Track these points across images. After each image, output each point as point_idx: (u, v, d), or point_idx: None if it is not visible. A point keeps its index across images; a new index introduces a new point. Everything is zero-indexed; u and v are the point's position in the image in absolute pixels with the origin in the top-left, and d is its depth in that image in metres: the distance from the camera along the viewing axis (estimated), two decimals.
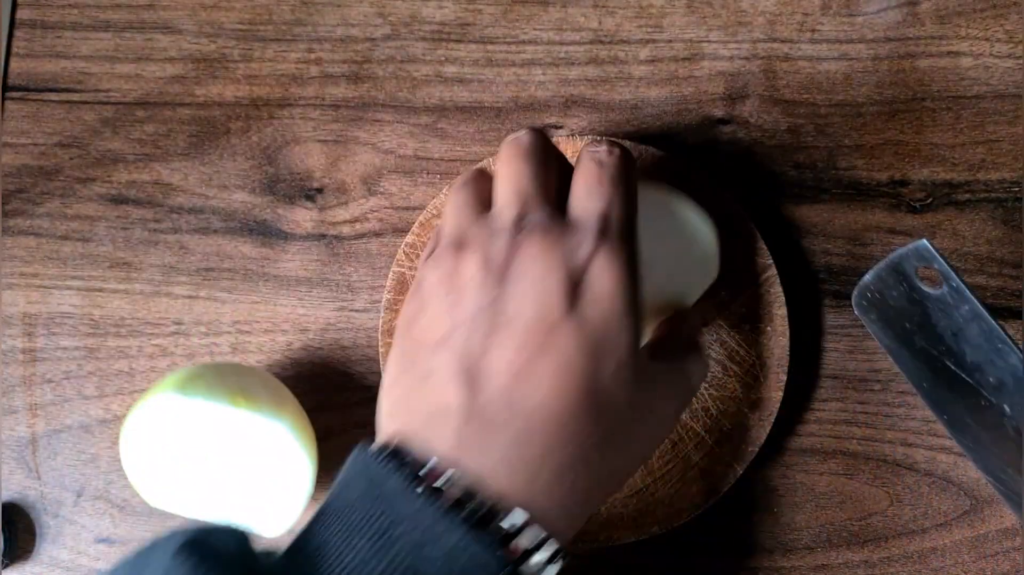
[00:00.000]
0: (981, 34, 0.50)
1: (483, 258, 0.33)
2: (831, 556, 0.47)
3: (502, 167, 0.36)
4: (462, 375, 0.32)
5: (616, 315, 0.33)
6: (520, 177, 0.35)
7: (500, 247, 0.33)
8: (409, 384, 0.34)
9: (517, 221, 0.34)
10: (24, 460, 0.49)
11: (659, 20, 0.51)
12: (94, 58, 0.52)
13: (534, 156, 0.36)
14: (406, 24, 0.51)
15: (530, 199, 0.35)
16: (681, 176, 0.47)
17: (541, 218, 0.34)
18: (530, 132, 0.37)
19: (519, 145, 0.36)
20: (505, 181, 0.36)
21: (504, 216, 0.35)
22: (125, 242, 0.50)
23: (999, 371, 0.38)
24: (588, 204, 0.35)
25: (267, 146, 0.51)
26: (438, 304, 0.34)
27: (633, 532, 0.45)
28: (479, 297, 0.33)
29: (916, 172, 0.49)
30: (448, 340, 0.33)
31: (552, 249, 0.33)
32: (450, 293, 0.33)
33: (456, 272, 0.34)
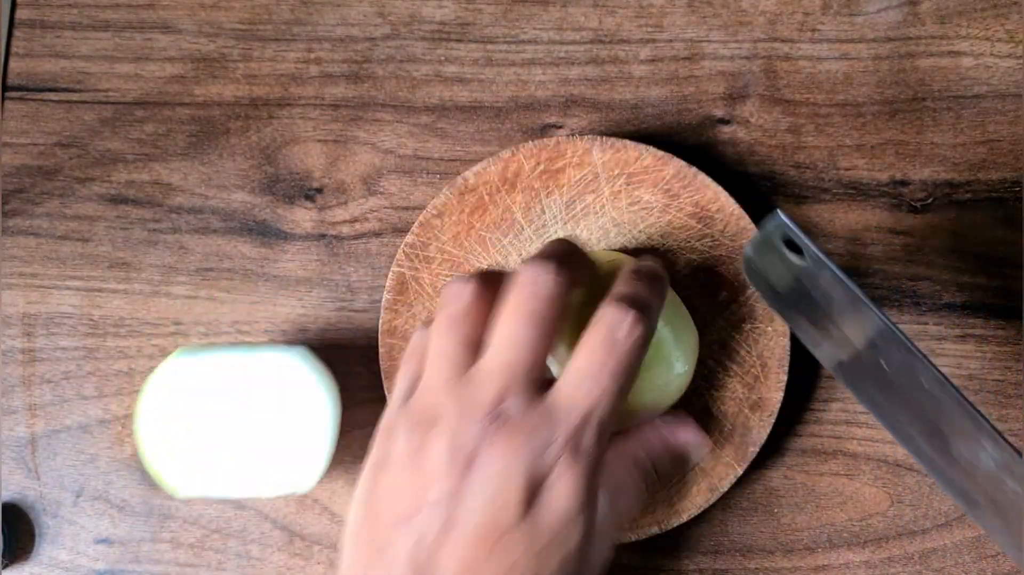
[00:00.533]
0: (982, 34, 0.50)
1: (450, 445, 0.32)
2: (831, 556, 0.47)
3: (505, 318, 0.34)
4: (414, 568, 0.32)
5: (570, 519, 0.32)
6: (517, 345, 0.33)
7: (469, 436, 0.32)
8: (367, 554, 0.34)
9: (494, 406, 0.33)
10: (23, 460, 0.49)
11: (659, 20, 0.51)
12: (93, 58, 0.51)
13: (544, 318, 0.34)
14: (406, 24, 0.51)
15: (517, 377, 0.33)
16: (681, 176, 0.47)
17: (519, 407, 0.33)
18: (556, 281, 0.34)
19: (533, 297, 0.34)
20: (502, 341, 0.34)
21: (484, 393, 0.33)
22: (124, 242, 0.50)
23: (867, 330, 0.38)
24: (577, 395, 0.33)
25: (267, 146, 0.51)
26: (402, 479, 0.33)
27: (633, 532, 0.45)
28: (441, 483, 0.32)
29: (917, 172, 0.49)
30: (407, 523, 0.32)
31: (520, 449, 0.32)
32: (415, 472, 0.33)
33: (423, 450, 0.33)
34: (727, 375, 0.46)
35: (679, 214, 0.47)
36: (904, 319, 0.48)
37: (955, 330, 0.48)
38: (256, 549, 0.48)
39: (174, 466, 0.42)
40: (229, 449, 0.42)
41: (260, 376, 0.43)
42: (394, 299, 0.47)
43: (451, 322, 0.35)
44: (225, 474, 0.42)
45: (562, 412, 0.33)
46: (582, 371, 0.34)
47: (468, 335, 0.35)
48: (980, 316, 0.48)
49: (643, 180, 0.47)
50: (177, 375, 0.42)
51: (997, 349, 0.48)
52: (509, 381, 0.33)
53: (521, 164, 0.47)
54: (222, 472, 0.42)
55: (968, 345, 0.48)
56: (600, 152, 0.47)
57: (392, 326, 0.47)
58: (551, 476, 0.32)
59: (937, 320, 0.48)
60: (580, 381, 0.33)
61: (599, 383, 0.33)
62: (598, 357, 0.34)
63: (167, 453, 0.42)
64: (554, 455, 0.32)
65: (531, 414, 0.33)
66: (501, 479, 0.32)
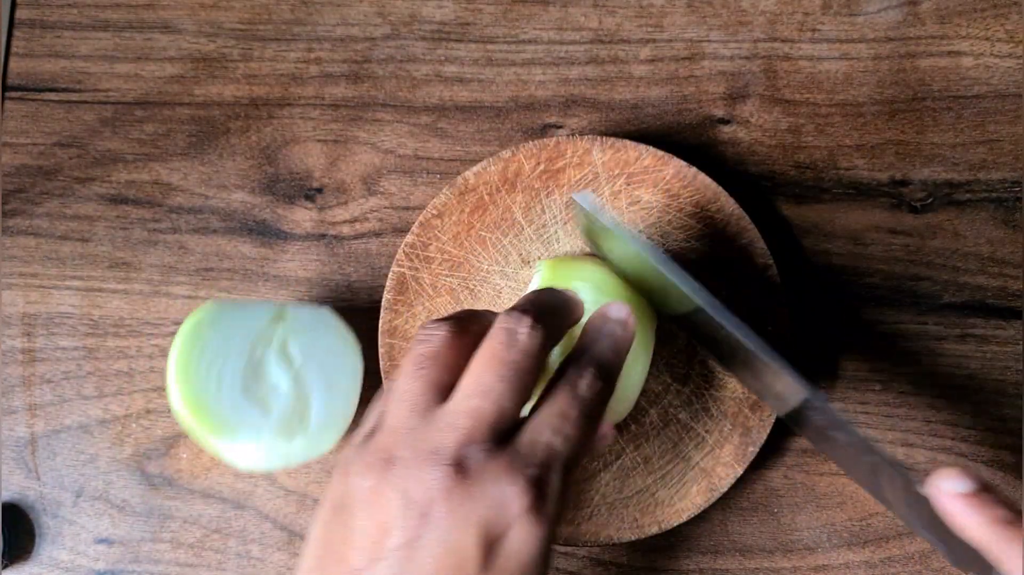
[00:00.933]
0: (982, 34, 0.50)
1: (404, 492, 0.31)
2: (831, 556, 0.47)
3: (475, 366, 0.34)
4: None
5: (532, 566, 0.32)
6: (484, 394, 0.33)
7: (424, 483, 0.31)
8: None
9: (454, 453, 0.32)
10: (23, 460, 0.49)
11: (659, 20, 0.51)
12: (93, 58, 0.51)
13: (515, 370, 0.33)
14: (406, 24, 0.51)
15: (481, 426, 0.32)
16: (681, 176, 0.47)
17: (479, 457, 0.32)
18: (530, 335, 0.34)
19: (505, 348, 0.34)
20: (469, 387, 0.33)
21: (444, 439, 0.32)
22: (124, 242, 0.50)
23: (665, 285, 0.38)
24: (540, 440, 0.33)
25: (267, 146, 0.51)
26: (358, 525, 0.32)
27: (633, 532, 0.45)
28: (396, 534, 0.31)
29: (917, 172, 0.49)
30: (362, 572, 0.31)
31: (479, 501, 0.31)
32: (370, 519, 0.32)
33: (378, 494, 0.32)
34: (727, 375, 0.46)
35: (679, 214, 0.47)
36: (904, 319, 0.48)
37: (955, 330, 0.48)
38: (256, 549, 0.48)
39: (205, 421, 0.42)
40: (256, 400, 0.42)
41: (290, 328, 0.44)
42: (394, 299, 0.47)
43: (418, 363, 0.34)
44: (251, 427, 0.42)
45: (526, 456, 0.32)
46: (548, 417, 0.33)
47: (434, 378, 0.34)
48: (980, 316, 0.48)
49: (643, 180, 0.47)
50: (207, 327, 0.42)
51: (997, 349, 0.48)
52: (472, 429, 0.32)
53: (521, 164, 0.47)
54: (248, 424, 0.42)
55: (968, 345, 0.48)
56: (600, 152, 0.47)
57: (392, 326, 0.47)
58: (513, 528, 0.31)
59: (937, 320, 0.48)
60: (544, 426, 0.33)
61: (567, 430, 0.33)
62: (563, 407, 0.33)
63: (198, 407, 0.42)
64: (515, 510, 0.31)
65: (492, 464, 0.32)
66: (458, 532, 0.31)
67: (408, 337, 0.47)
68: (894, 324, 0.48)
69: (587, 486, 0.46)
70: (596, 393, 0.34)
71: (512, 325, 0.34)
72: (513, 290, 0.47)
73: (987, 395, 0.48)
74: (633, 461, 0.46)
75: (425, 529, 0.31)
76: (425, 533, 0.31)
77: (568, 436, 0.33)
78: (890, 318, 0.48)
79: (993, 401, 0.48)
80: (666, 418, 0.46)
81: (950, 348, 0.48)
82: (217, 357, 0.42)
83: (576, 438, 0.33)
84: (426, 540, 0.31)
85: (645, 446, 0.46)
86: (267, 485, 0.48)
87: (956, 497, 0.30)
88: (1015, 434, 0.48)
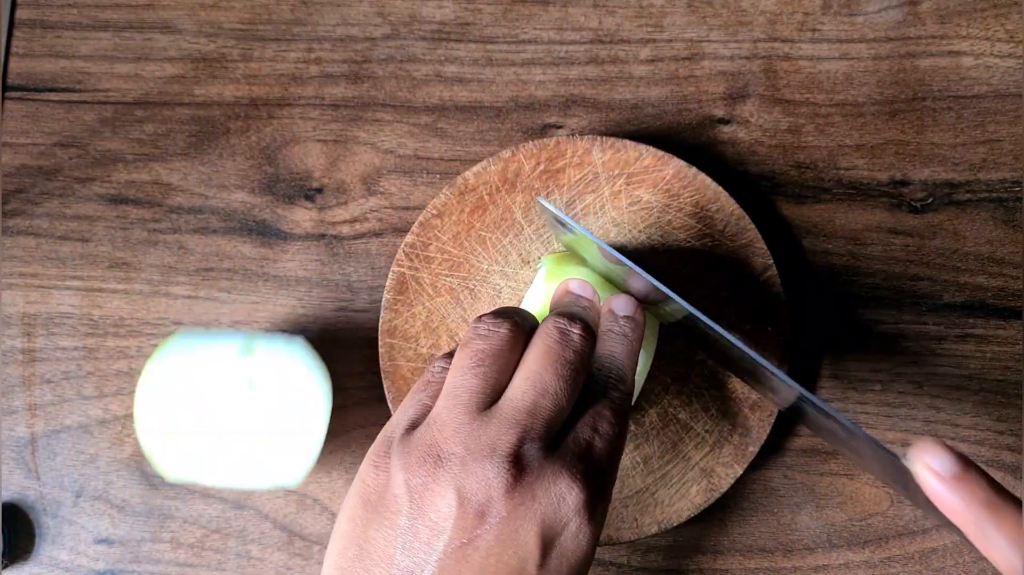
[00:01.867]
0: (982, 33, 0.50)
1: (459, 491, 0.31)
2: (831, 556, 0.47)
3: (535, 362, 0.34)
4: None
5: (586, 560, 0.32)
6: (544, 391, 0.33)
7: (482, 482, 0.31)
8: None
9: (513, 450, 0.31)
10: (23, 460, 0.49)
11: (659, 20, 0.51)
12: (93, 58, 0.51)
13: (572, 369, 0.33)
14: (406, 24, 0.51)
15: (539, 423, 0.32)
16: (681, 176, 0.47)
17: (537, 455, 0.31)
18: (583, 336, 0.35)
19: (564, 346, 0.34)
20: (528, 383, 0.33)
21: (502, 436, 0.31)
22: (124, 242, 0.50)
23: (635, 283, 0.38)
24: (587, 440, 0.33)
25: (267, 146, 0.51)
26: (402, 525, 0.31)
27: (633, 532, 0.45)
28: (450, 535, 0.30)
29: (917, 172, 0.49)
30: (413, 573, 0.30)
31: (539, 501, 0.31)
32: (418, 519, 0.31)
33: (428, 493, 0.31)
34: (727, 375, 0.46)
35: (679, 214, 0.47)
36: (904, 319, 0.48)
37: (955, 330, 0.48)
38: (256, 549, 0.48)
39: (167, 448, 0.42)
40: (222, 434, 0.43)
41: (258, 363, 0.43)
42: (394, 298, 0.47)
43: (478, 359, 0.34)
44: (216, 460, 0.43)
45: (578, 461, 0.32)
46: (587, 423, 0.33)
47: (492, 377, 0.33)
48: (980, 316, 0.48)
49: (643, 180, 0.47)
50: (175, 357, 0.43)
51: (997, 349, 0.48)
52: (531, 427, 0.32)
53: (521, 164, 0.47)
54: (214, 458, 0.43)
55: (968, 345, 0.48)
56: (600, 152, 0.47)
57: (392, 326, 0.47)
58: (569, 527, 0.31)
59: (937, 320, 0.48)
60: (588, 432, 0.33)
61: (602, 432, 0.33)
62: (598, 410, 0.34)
63: (161, 435, 0.42)
64: (573, 507, 0.31)
65: (549, 462, 0.31)
66: (520, 531, 0.30)
67: (408, 337, 0.47)
68: (894, 324, 0.48)
69: None
70: (623, 392, 0.35)
71: (565, 326, 0.35)
72: (513, 290, 0.47)
73: (987, 395, 0.48)
74: (633, 461, 0.46)
75: (483, 529, 0.30)
76: (483, 533, 0.30)
77: (608, 435, 0.33)
78: (890, 318, 0.48)
79: (993, 401, 0.48)
80: (666, 418, 0.46)
81: (950, 348, 0.48)
82: (181, 391, 0.42)
83: (616, 438, 0.33)
84: (484, 540, 0.30)
85: (645, 446, 0.46)
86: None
87: (939, 476, 0.29)
88: (1015, 434, 0.48)
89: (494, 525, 0.30)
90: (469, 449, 0.31)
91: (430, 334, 0.47)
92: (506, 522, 0.30)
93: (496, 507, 0.30)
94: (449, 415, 0.32)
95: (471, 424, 0.32)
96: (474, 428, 0.32)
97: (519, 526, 0.30)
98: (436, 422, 0.32)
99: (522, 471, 0.31)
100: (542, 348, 0.34)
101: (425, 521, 0.31)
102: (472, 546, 0.30)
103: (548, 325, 0.35)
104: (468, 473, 0.31)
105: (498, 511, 0.30)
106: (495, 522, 0.30)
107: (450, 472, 0.31)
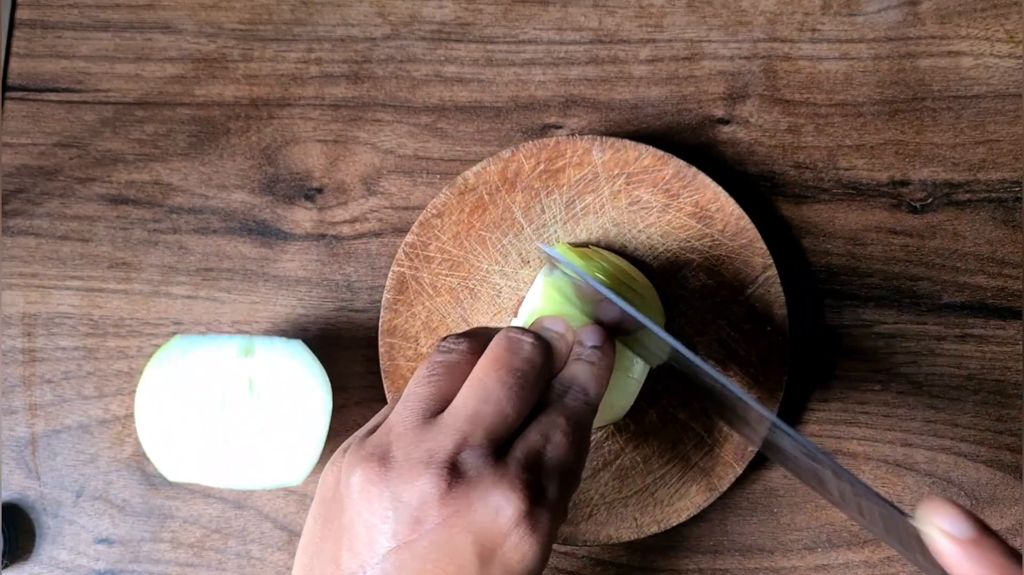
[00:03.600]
0: (981, 34, 0.50)
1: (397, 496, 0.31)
2: (831, 556, 0.47)
3: (480, 370, 0.34)
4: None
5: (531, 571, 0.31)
6: (487, 399, 0.33)
7: (421, 490, 0.31)
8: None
9: (450, 457, 0.31)
10: (24, 460, 0.49)
11: (659, 20, 0.51)
12: (94, 58, 0.51)
13: (518, 377, 0.33)
14: (406, 24, 0.51)
15: (479, 431, 0.32)
16: (681, 176, 0.47)
17: (476, 463, 0.31)
18: (534, 346, 0.35)
19: (510, 354, 0.34)
20: (471, 391, 0.33)
21: (441, 442, 0.32)
22: (125, 242, 0.50)
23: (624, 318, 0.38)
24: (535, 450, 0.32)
25: (267, 146, 0.51)
26: (348, 520, 0.32)
27: (632, 531, 0.45)
28: (390, 538, 0.31)
29: (916, 172, 0.49)
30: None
31: (475, 510, 0.31)
32: (360, 515, 0.31)
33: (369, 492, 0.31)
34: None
35: (679, 214, 0.47)
36: (904, 319, 0.48)
37: (955, 330, 0.48)
38: (256, 549, 0.48)
39: (168, 449, 0.43)
40: (222, 436, 0.43)
41: (257, 365, 0.43)
42: (394, 298, 0.47)
43: (432, 370, 0.34)
44: (217, 462, 0.43)
45: (521, 472, 0.32)
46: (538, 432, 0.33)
47: (443, 387, 0.34)
48: (980, 316, 0.48)
49: (643, 180, 0.47)
50: (176, 359, 0.43)
51: (997, 349, 0.48)
52: (469, 433, 0.32)
53: (521, 164, 0.47)
54: (214, 459, 0.43)
55: (968, 345, 0.48)
56: (600, 152, 0.47)
57: (392, 325, 0.47)
58: (510, 538, 0.31)
59: (937, 320, 0.48)
60: (538, 442, 0.33)
61: (555, 443, 0.33)
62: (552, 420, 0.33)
63: (162, 436, 0.43)
64: (513, 517, 0.31)
65: (489, 471, 0.31)
66: (455, 539, 0.30)
67: (408, 336, 0.47)
68: (894, 324, 0.48)
69: (586, 486, 0.46)
70: (582, 404, 0.34)
71: (515, 335, 0.35)
72: (513, 289, 0.47)
73: (987, 395, 0.48)
74: (632, 460, 0.46)
75: (418, 534, 0.30)
76: (418, 538, 0.30)
77: (561, 445, 0.33)
78: (890, 318, 0.48)
79: (993, 401, 0.48)
80: (665, 417, 0.46)
81: (950, 348, 0.48)
82: (181, 394, 0.43)
83: (570, 448, 0.33)
84: (420, 545, 0.30)
85: (644, 445, 0.46)
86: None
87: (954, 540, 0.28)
88: (1015, 434, 0.48)
89: (428, 531, 0.30)
90: (409, 455, 0.31)
91: (430, 334, 0.47)
92: (440, 529, 0.30)
93: (430, 513, 0.30)
94: (397, 421, 0.33)
95: (415, 430, 0.32)
96: (417, 434, 0.32)
97: (454, 534, 0.30)
98: (386, 427, 0.33)
99: (458, 478, 0.31)
100: (490, 357, 0.34)
101: (364, 522, 0.31)
102: (409, 550, 0.30)
103: (499, 335, 0.35)
104: (405, 478, 0.31)
105: (432, 518, 0.30)
106: (429, 528, 0.30)
107: (390, 476, 0.31)
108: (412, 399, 0.34)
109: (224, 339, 0.44)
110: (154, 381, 0.43)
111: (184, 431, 0.43)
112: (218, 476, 0.43)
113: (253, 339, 0.44)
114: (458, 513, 0.31)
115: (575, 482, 0.34)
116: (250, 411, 0.43)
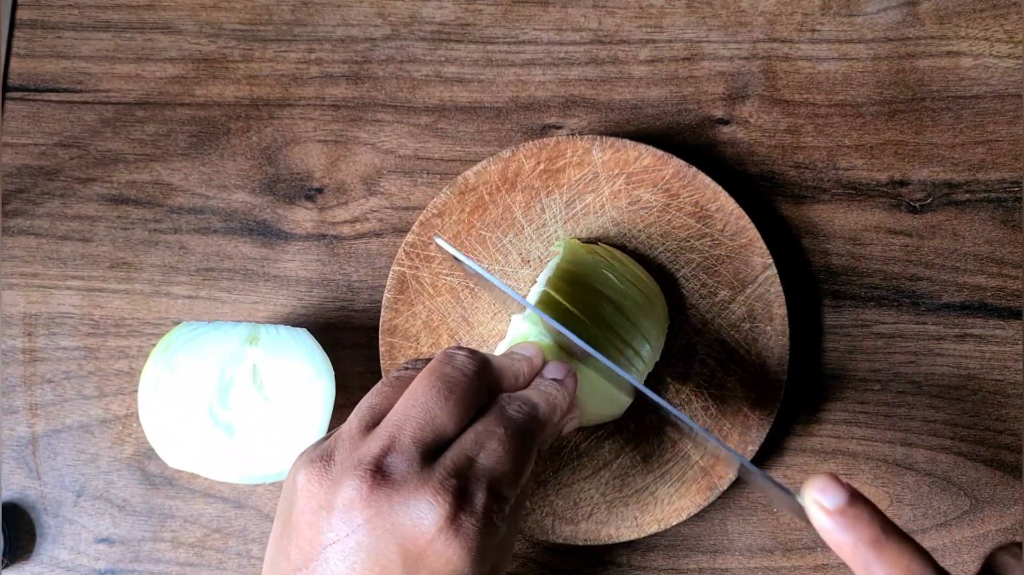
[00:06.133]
0: (981, 34, 0.50)
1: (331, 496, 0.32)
2: (831, 556, 0.47)
3: (415, 380, 0.34)
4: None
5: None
6: (415, 404, 0.33)
7: (349, 491, 0.32)
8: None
9: (376, 460, 0.32)
10: (24, 460, 0.49)
11: (659, 20, 0.51)
12: (94, 58, 0.52)
13: (449, 384, 0.34)
14: (406, 24, 0.51)
15: (405, 435, 0.33)
16: (681, 175, 0.47)
17: (401, 466, 0.32)
18: (469, 357, 0.35)
19: (445, 366, 0.35)
20: (403, 398, 0.34)
21: (370, 446, 0.33)
22: (125, 242, 0.50)
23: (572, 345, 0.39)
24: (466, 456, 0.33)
25: (267, 146, 0.51)
26: (296, 517, 0.33)
27: (633, 531, 0.45)
28: (326, 534, 0.32)
29: (916, 172, 0.49)
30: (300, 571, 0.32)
31: (398, 513, 0.31)
32: (303, 513, 0.33)
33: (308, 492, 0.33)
34: (727, 374, 0.46)
35: (679, 214, 0.47)
36: (904, 319, 0.48)
37: (955, 330, 0.48)
38: (256, 549, 0.48)
39: (169, 435, 0.43)
40: (225, 426, 0.43)
41: (262, 353, 0.43)
42: (394, 298, 0.47)
43: (387, 383, 0.36)
44: (219, 453, 0.43)
45: (448, 477, 0.32)
46: (471, 439, 0.33)
47: (391, 399, 0.35)
48: (980, 316, 0.48)
49: (643, 180, 0.47)
50: (181, 346, 0.43)
51: (997, 349, 0.48)
52: (396, 437, 0.33)
53: (521, 164, 0.47)
54: (216, 450, 0.43)
55: (968, 345, 0.48)
56: (600, 152, 0.47)
57: (392, 325, 0.47)
58: (435, 543, 0.31)
59: (936, 320, 0.48)
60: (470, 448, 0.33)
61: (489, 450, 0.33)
62: (488, 427, 0.34)
63: (164, 422, 0.43)
64: (437, 523, 0.31)
65: (414, 476, 0.32)
66: (380, 541, 0.31)
67: (409, 336, 0.47)
68: (894, 324, 0.48)
69: (587, 485, 0.46)
70: (525, 416, 0.35)
71: (453, 349, 0.36)
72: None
73: (987, 395, 0.48)
74: (633, 460, 0.46)
75: (346, 534, 0.32)
76: (345, 538, 0.32)
77: (495, 452, 0.33)
78: (890, 318, 0.48)
79: (993, 401, 0.48)
80: (665, 417, 0.46)
81: (949, 348, 0.48)
82: (186, 380, 0.43)
83: (504, 456, 0.33)
84: (346, 545, 0.32)
85: (644, 445, 0.46)
86: (267, 484, 0.48)
87: (826, 512, 0.28)
88: (1015, 434, 0.48)
89: (354, 532, 0.31)
90: (344, 459, 0.33)
91: (430, 333, 0.47)
92: (365, 529, 0.31)
93: (355, 514, 0.31)
94: (345, 428, 0.34)
95: (355, 436, 0.34)
96: (355, 440, 0.34)
97: (378, 535, 0.31)
98: (335, 434, 0.35)
99: (381, 480, 0.32)
100: (426, 370, 0.35)
101: (306, 521, 0.32)
102: (338, 550, 0.32)
103: (439, 351, 0.36)
104: (336, 480, 0.32)
105: (357, 520, 0.31)
106: (355, 528, 0.31)
107: (326, 478, 0.33)
108: (360, 409, 0.35)
109: (230, 326, 0.44)
110: (159, 367, 0.43)
111: (188, 417, 0.43)
112: (219, 469, 0.43)
113: (259, 327, 0.44)
114: (380, 515, 0.31)
115: (511, 491, 0.33)
116: (254, 401, 0.43)
